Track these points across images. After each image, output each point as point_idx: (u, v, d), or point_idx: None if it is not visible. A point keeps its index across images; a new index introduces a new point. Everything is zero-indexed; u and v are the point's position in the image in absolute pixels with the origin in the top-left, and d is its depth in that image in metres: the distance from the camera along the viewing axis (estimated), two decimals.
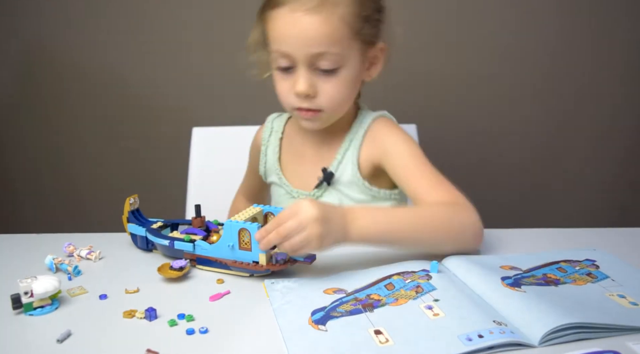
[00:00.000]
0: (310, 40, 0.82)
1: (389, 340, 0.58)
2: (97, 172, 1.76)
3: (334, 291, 0.69)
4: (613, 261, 0.77)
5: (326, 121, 0.91)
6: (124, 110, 1.69)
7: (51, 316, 0.65)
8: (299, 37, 0.82)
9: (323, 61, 0.84)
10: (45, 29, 1.62)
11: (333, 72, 0.85)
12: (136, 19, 1.60)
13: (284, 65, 0.86)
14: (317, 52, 0.83)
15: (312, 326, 0.61)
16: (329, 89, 0.86)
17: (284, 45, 0.84)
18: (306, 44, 0.82)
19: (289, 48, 0.84)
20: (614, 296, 0.67)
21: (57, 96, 1.69)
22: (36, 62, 1.66)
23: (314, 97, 0.86)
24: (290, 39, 0.83)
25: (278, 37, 0.85)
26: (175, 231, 0.85)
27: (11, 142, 1.75)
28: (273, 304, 0.66)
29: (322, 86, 0.86)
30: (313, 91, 0.86)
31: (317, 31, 0.81)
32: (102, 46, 1.62)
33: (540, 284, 0.69)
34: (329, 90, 0.86)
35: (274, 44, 0.86)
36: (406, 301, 0.66)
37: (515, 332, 0.58)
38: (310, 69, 0.85)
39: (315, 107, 0.87)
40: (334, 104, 0.88)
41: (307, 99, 0.86)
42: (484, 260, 0.77)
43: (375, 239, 0.75)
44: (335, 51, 0.83)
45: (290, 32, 0.83)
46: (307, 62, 0.84)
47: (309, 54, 0.83)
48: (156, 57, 1.62)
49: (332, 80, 0.86)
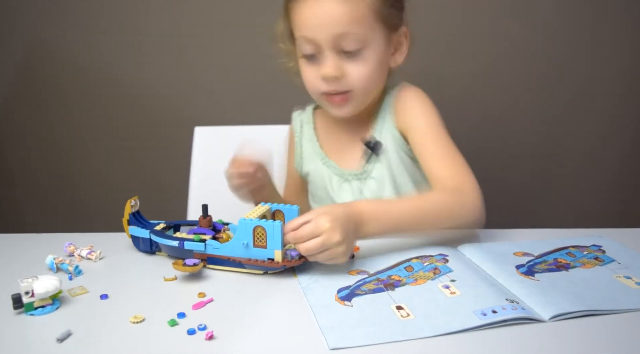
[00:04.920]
0: (333, 21, 0.85)
1: (409, 314, 0.63)
2: (98, 172, 1.75)
3: (357, 272, 0.74)
4: (618, 246, 0.81)
5: (355, 105, 0.93)
6: (125, 109, 1.68)
7: (52, 315, 0.65)
8: (322, 20, 0.85)
9: (347, 42, 0.86)
10: (47, 29, 1.62)
11: (358, 53, 0.87)
12: (138, 19, 1.59)
13: (308, 52, 0.89)
14: (339, 32, 0.85)
15: (339, 302, 0.66)
16: (355, 69, 0.88)
17: (307, 30, 0.87)
18: (329, 25, 0.85)
19: (313, 32, 0.86)
20: (621, 277, 0.71)
21: (58, 96, 1.68)
22: (38, 62, 1.65)
23: (342, 80, 0.88)
24: (313, 23, 0.86)
25: (302, 24, 0.88)
26: (178, 232, 0.83)
27: (12, 142, 1.75)
28: (301, 284, 0.71)
29: (349, 68, 0.88)
30: (340, 72, 0.88)
31: (340, 12, 0.84)
32: (103, 46, 1.62)
33: (552, 270, 0.74)
34: (355, 70, 0.88)
35: (298, 31, 0.89)
36: (425, 281, 0.70)
37: (526, 309, 0.63)
38: (335, 51, 0.87)
39: (344, 88, 0.89)
40: (362, 84, 0.89)
41: (335, 81, 0.88)
42: (497, 247, 0.82)
43: (383, 236, 0.79)
44: (358, 31, 0.86)
45: (313, 16, 0.86)
46: (331, 45, 0.86)
47: (332, 35, 0.85)
48: (158, 57, 1.62)
49: (358, 61, 0.88)
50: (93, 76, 1.65)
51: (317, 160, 1.02)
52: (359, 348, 0.57)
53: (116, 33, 1.61)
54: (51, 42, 1.64)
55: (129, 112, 1.68)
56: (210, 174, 1.25)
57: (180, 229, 0.85)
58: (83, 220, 1.78)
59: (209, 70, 1.62)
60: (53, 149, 1.74)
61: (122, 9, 1.59)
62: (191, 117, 1.48)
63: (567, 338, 0.59)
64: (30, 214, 1.81)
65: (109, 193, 1.73)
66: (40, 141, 1.74)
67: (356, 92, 0.90)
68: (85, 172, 1.76)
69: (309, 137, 1.04)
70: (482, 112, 1.61)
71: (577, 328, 0.61)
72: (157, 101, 1.66)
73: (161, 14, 1.59)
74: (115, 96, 1.67)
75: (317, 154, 1.02)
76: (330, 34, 0.85)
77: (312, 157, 1.04)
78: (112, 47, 1.62)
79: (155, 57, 1.62)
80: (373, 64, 0.89)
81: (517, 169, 1.67)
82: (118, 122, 1.70)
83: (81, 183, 1.77)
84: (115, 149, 1.72)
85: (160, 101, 1.66)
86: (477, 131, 1.61)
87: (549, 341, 0.58)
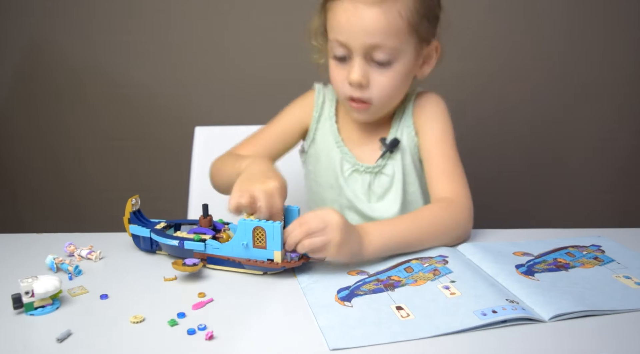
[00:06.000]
0: (367, 31, 0.84)
1: (410, 315, 0.63)
2: (98, 172, 1.75)
3: (357, 273, 0.74)
4: (617, 246, 0.82)
5: (374, 113, 0.94)
6: (125, 109, 1.68)
7: (52, 315, 0.65)
8: (357, 27, 0.85)
9: (378, 53, 0.86)
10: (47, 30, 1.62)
11: (387, 64, 0.88)
12: (138, 19, 1.59)
13: (340, 54, 0.89)
14: (373, 43, 0.85)
15: (339, 303, 0.66)
16: (381, 81, 0.89)
17: (342, 34, 0.87)
18: (363, 34, 0.85)
19: (347, 37, 0.86)
20: (620, 277, 0.71)
21: (58, 96, 1.68)
22: (39, 62, 1.65)
23: (366, 88, 0.89)
24: (348, 29, 0.86)
25: (337, 27, 0.87)
26: (179, 232, 0.83)
27: (12, 142, 1.74)
28: (301, 284, 0.71)
29: (375, 78, 0.89)
30: (366, 81, 0.88)
31: (375, 23, 0.84)
32: (103, 46, 1.62)
33: (552, 269, 0.74)
34: (381, 82, 0.89)
35: (333, 33, 0.89)
36: (424, 282, 0.71)
37: (526, 309, 0.63)
38: (365, 59, 0.87)
39: (366, 98, 0.90)
40: (383, 96, 0.91)
41: (360, 89, 0.89)
42: (497, 247, 0.82)
43: (385, 254, 0.79)
44: (391, 44, 0.86)
45: (349, 22, 0.85)
46: (363, 53, 0.86)
47: (365, 45, 0.85)
48: (158, 57, 1.62)
49: (386, 72, 0.88)
50: (93, 76, 1.65)
51: (332, 141, 1.01)
52: (359, 349, 0.57)
53: (116, 33, 1.61)
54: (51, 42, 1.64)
55: (130, 112, 1.68)
56: None
57: (181, 228, 0.86)
58: (83, 220, 1.78)
59: (209, 70, 1.62)
60: (53, 149, 1.74)
61: (121, 9, 1.59)
62: (191, 117, 1.48)
63: (567, 338, 0.59)
64: (30, 214, 1.81)
65: (109, 193, 1.73)
66: (41, 141, 1.74)
67: (375, 104, 0.91)
68: (86, 172, 1.76)
69: (328, 116, 1.03)
70: (482, 112, 1.61)
71: (577, 328, 0.61)
72: (158, 101, 1.66)
73: (161, 14, 1.59)
74: (115, 96, 1.67)
75: (333, 135, 1.01)
76: (363, 42, 0.85)
77: (326, 137, 1.02)
78: (112, 47, 1.63)
79: (156, 58, 1.63)
80: (400, 75, 0.90)
81: (517, 169, 1.67)
82: (119, 122, 1.70)
83: (82, 183, 1.77)
84: (116, 149, 1.72)
85: (161, 101, 1.66)
86: (477, 130, 1.61)
87: (549, 341, 0.59)
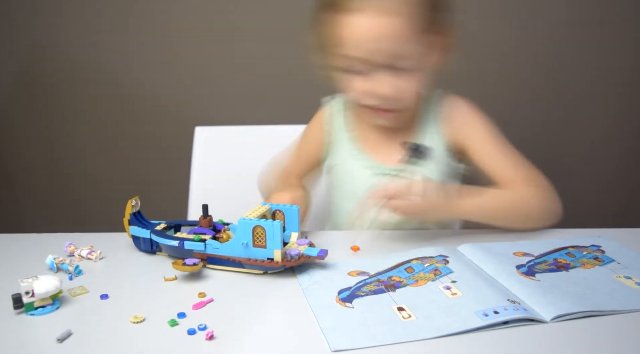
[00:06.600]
0: (387, 44, 0.83)
1: (411, 315, 0.62)
2: (98, 172, 1.76)
3: (357, 273, 0.74)
4: (617, 246, 0.82)
5: (400, 117, 0.94)
6: (125, 109, 1.68)
7: (52, 315, 0.65)
8: (376, 43, 0.83)
9: (401, 61, 0.85)
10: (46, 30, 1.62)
11: (409, 70, 0.86)
12: (138, 19, 1.60)
13: (358, 69, 0.86)
14: (395, 54, 0.84)
15: (340, 304, 0.66)
16: (406, 87, 0.88)
17: (360, 51, 0.84)
18: (384, 48, 0.83)
19: (367, 54, 0.84)
20: (621, 277, 0.71)
21: (58, 96, 1.69)
22: (39, 62, 1.66)
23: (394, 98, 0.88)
24: (367, 45, 0.84)
25: (352, 43, 0.85)
26: (179, 233, 0.84)
27: (12, 142, 1.75)
28: (301, 285, 0.71)
29: (399, 84, 0.87)
30: (396, 92, 0.87)
31: (392, 34, 0.83)
32: (103, 46, 1.63)
33: (552, 270, 0.74)
34: (406, 88, 0.88)
35: (347, 49, 0.85)
36: (425, 282, 0.70)
37: (528, 310, 0.63)
38: (389, 70, 0.86)
39: (393, 107, 0.89)
40: (410, 101, 0.91)
41: (387, 101, 0.88)
42: (497, 247, 0.82)
43: (473, 219, 0.82)
44: (412, 51, 0.85)
45: (367, 38, 0.83)
46: (386, 64, 0.85)
47: (388, 56, 0.84)
48: (158, 57, 1.63)
49: (410, 78, 0.87)
50: (93, 77, 1.66)
51: (348, 151, 1.00)
52: (361, 350, 0.57)
53: (116, 33, 1.62)
54: (52, 42, 1.64)
55: (130, 113, 1.69)
56: (211, 174, 1.25)
57: (181, 229, 0.85)
58: (83, 220, 1.79)
59: (209, 70, 1.62)
60: (53, 149, 1.75)
61: (122, 9, 1.60)
62: (191, 117, 1.49)
63: (568, 338, 0.59)
64: (30, 214, 1.82)
65: (109, 193, 1.73)
66: (41, 141, 1.74)
67: (402, 109, 0.92)
68: (86, 172, 1.76)
69: (339, 127, 1.02)
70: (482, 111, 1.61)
71: (578, 328, 0.61)
72: (158, 101, 1.67)
73: (161, 14, 1.60)
74: (115, 96, 1.67)
75: (348, 145, 1.00)
76: (387, 55, 0.84)
77: (342, 148, 1.01)
78: (112, 47, 1.63)
79: (156, 58, 1.63)
80: (421, 77, 0.90)
81: None
82: (118, 122, 1.70)
83: (81, 183, 1.78)
84: (116, 149, 1.72)
85: (161, 101, 1.67)
86: None
87: (551, 342, 0.58)
